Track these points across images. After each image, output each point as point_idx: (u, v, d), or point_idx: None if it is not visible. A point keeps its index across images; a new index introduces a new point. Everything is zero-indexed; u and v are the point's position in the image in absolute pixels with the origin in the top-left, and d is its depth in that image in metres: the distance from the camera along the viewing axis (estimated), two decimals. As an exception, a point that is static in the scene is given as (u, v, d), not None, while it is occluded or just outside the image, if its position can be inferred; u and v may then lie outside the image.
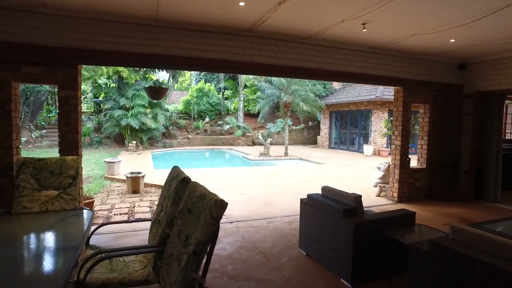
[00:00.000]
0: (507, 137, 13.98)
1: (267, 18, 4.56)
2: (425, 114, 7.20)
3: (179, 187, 2.42)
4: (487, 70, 6.83)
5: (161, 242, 2.33)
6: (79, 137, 4.59)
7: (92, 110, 21.06)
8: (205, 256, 1.90)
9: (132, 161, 12.65)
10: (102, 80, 18.60)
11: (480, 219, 5.05)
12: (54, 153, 13.38)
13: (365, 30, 4.82)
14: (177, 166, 2.85)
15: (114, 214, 5.81)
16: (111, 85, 18.65)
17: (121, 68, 16.60)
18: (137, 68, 17.52)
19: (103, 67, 16.07)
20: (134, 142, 16.66)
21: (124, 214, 5.87)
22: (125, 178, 7.74)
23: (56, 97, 18.80)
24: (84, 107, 20.98)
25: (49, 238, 2.68)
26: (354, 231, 3.25)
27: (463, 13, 4.28)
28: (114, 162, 9.24)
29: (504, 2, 3.90)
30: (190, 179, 2.44)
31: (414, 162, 7.14)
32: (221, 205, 1.81)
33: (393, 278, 3.43)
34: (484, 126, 7.09)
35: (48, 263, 2.14)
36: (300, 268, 3.74)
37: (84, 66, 13.76)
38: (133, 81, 17.84)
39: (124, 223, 5.00)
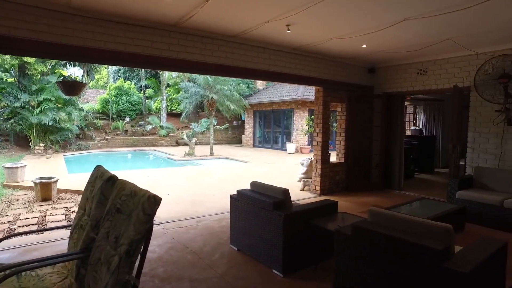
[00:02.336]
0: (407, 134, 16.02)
1: (194, 14, 4.48)
2: (342, 113, 7.84)
3: (105, 186, 2.23)
4: (391, 74, 7.75)
5: (85, 248, 2.11)
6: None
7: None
8: (138, 256, 1.79)
9: (41, 165, 11.26)
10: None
11: (389, 205, 5.69)
12: None
13: (289, 31, 5.06)
14: (100, 166, 2.63)
15: (19, 226, 5.09)
16: (9, 80, 16.26)
17: (26, 58, 14.44)
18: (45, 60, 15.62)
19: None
20: (42, 144, 14.75)
21: (32, 225, 5.18)
22: (32, 184, 6.84)
23: None
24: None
25: None
26: (284, 223, 3.39)
27: (373, 22, 4.78)
28: (16, 168, 8.08)
29: (403, 16, 4.49)
30: (118, 178, 2.27)
31: (334, 157, 7.73)
32: (155, 201, 1.72)
33: (320, 264, 3.67)
34: (390, 123, 8.02)
35: None
36: (233, 264, 3.76)
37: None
38: (38, 75, 15.75)
39: (33, 234, 4.42)
